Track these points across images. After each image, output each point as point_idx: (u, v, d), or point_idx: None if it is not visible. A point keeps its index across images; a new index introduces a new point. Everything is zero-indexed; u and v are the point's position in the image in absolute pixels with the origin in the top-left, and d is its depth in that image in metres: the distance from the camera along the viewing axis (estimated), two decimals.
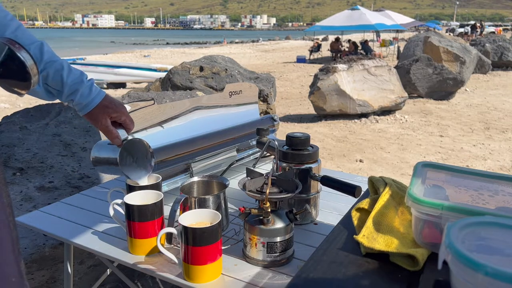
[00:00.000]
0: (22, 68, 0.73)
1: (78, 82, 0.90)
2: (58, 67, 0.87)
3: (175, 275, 0.90)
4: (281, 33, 74.49)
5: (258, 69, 11.04)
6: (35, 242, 1.55)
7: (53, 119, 2.18)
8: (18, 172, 1.80)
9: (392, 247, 0.69)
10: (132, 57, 19.06)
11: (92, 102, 0.92)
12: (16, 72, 0.74)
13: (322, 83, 5.57)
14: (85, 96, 0.91)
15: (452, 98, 7.34)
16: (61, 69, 0.87)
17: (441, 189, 0.77)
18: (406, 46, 9.28)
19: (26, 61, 0.74)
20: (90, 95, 0.92)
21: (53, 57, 0.87)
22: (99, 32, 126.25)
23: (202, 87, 3.23)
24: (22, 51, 0.73)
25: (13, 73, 0.74)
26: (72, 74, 0.89)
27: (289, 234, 0.93)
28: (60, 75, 0.87)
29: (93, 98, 0.92)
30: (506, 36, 13.05)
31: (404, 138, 4.96)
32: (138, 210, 0.95)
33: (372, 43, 18.72)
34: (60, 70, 0.87)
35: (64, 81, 0.88)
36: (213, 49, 25.31)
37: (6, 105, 7.09)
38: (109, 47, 33.20)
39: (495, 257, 0.52)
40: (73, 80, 0.89)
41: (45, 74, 0.86)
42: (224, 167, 1.44)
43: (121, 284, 1.55)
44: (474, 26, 24.62)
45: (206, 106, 1.45)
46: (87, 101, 0.92)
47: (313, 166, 1.11)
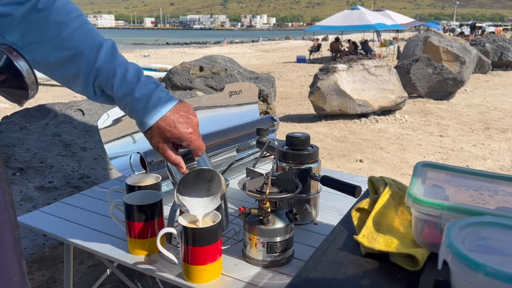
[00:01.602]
0: (19, 77, 0.69)
1: (128, 94, 0.74)
2: (110, 74, 0.74)
3: (175, 275, 0.90)
4: (281, 33, 74.51)
5: (258, 69, 11.04)
6: (35, 242, 1.55)
7: (53, 119, 2.18)
8: (18, 172, 1.80)
9: (392, 247, 0.69)
10: (132, 57, 19.05)
11: (145, 122, 0.76)
12: (13, 81, 0.70)
13: (322, 83, 5.57)
14: (136, 113, 0.76)
15: (452, 98, 7.35)
16: (113, 77, 0.73)
17: (441, 189, 0.77)
18: (406, 46, 9.29)
19: (23, 70, 0.69)
20: (144, 112, 0.75)
21: (108, 62, 0.74)
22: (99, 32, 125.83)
23: (202, 87, 3.23)
24: (19, 59, 0.69)
25: (10, 82, 0.70)
26: (126, 83, 0.74)
27: (289, 234, 0.93)
28: (111, 85, 0.74)
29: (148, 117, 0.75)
30: (506, 36, 13.05)
31: (404, 138, 4.96)
32: (138, 210, 0.95)
33: (372, 43, 18.72)
34: (111, 78, 0.74)
35: (115, 92, 0.74)
36: (213, 49, 25.31)
37: (6, 105, 7.09)
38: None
39: (495, 257, 0.52)
40: (123, 92, 0.74)
41: (98, 83, 0.75)
42: (224, 167, 1.44)
43: (121, 284, 1.55)
44: (474, 26, 24.62)
45: (206, 106, 1.45)
46: (139, 120, 0.76)
47: (313, 166, 1.10)
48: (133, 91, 0.74)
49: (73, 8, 0.75)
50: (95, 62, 0.73)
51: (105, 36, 0.78)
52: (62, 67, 0.75)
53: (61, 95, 8.38)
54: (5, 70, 0.69)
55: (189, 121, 0.79)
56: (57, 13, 0.73)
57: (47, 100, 7.26)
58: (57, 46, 0.73)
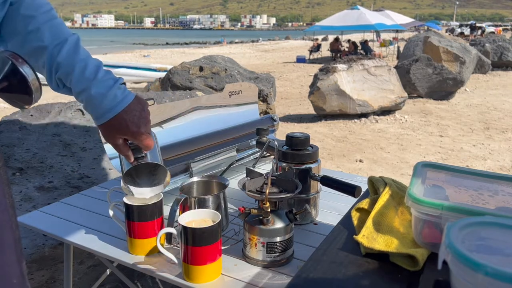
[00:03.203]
0: (23, 83, 0.72)
1: (85, 89, 0.77)
2: (69, 70, 0.77)
3: (175, 275, 0.90)
4: (281, 33, 74.51)
5: (258, 69, 11.04)
6: (34, 242, 1.55)
7: (53, 119, 2.18)
8: (18, 172, 1.80)
9: (392, 247, 0.69)
10: (131, 57, 19.06)
11: (99, 117, 0.80)
12: (18, 87, 0.72)
13: (322, 83, 5.57)
14: (92, 109, 0.80)
15: (452, 98, 7.35)
16: (72, 72, 0.77)
17: (441, 189, 0.77)
18: (406, 46, 9.29)
19: (28, 76, 0.72)
20: (99, 108, 0.79)
21: (69, 58, 0.77)
22: (99, 32, 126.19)
23: (202, 87, 3.23)
24: (24, 66, 0.72)
25: (15, 88, 0.72)
26: (83, 79, 0.77)
27: (289, 234, 0.93)
28: (70, 80, 0.77)
29: (102, 113, 0.79)
30: (506, 36, 13.06)
31: (404, 138, 4.96)
32: (137, 210, 0.95)
33: (372, 43, 18.72)
34: (70, 74, 0.77)
35: (73, 87, 0.78)
36: (213, 49, 25.32)
37: (6, 105, 7.09)
38: (109, 47, 33.20)
39: (495, 257, 0.52)
40: (80, 88, 0.78)
41: (59, 77, 0.78)
42: (224, 167, 1.44)
43: (121, 284, 1.55)
44: (474, 27, 24.62)
45: (206, 106, 1.45)
46: (94, 115, 0.80)
47: (313, 166, 1.10)
48: (90, 88, 0.77)
49: (43, 3, 0.78)
50: (57, 57, 0.76)
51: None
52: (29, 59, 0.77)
53: (61, 95, 8.37)
54: (11, 76, 0.71)
55: (141, 120, 0.82)
56: (27, 6, 0.76)
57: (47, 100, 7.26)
58: (25, 39, 0.77)
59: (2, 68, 0.72)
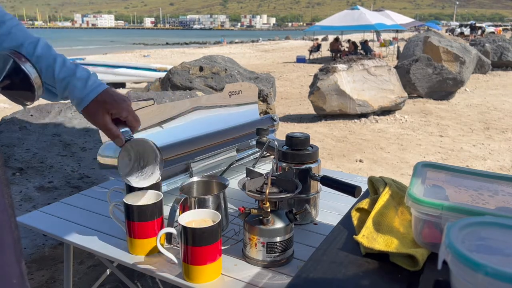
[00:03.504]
0: (26, 81, 0.75)
1: (70, 75, 0.83)
2: (50, 62, 0.82)
3: (175, 275, 0.90)
4: (281, 33, 74.46)
5: (258, 69, 11.04)
6: (34, 242, 1.55)
7: (53, 119, 2.18)
8: (18, 172, 1.80)
9: (392, 247, 0.69)
10: (131, 57, 19.05)
11: (87, 96, 0.85)
12: (20, 85, 0.75)
13: (322, 83, 5.57)
14: (78, 90, 0.84)
15: (452, 98, 7.34)
16: (53, 63, 0.82)
17: (441, 189, 0.77)
18: (406, 46, 9.28)
19: (30, 74, 0.75)
20: (84, 89, 0.84)
21: (47, 52, 0.83)
22: (99, 32, 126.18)
23: (202, 87, 3.23)
24: (27, 64, 0.75)
25: (18, 86, 0.75)
26: (66, 68, 0.83)
27: (289, 234, 0.93)
28: (52, 70, 0.82)
29: (89, 92, 0.84)
30: (506, 36, 13.06)
31: (404, 138, 4.96)
32: (137, 210, 0.95)
33: (372, 43, 18.72)
34: (51, 65, 0.82)
35: (56, 75, 0.83)
36: (213, 49, 25.31)
37: (6, 105, 7.09)
38: (109, 47, 33.19)
39: (495, 257, 0.52)
40: (65, 74, 0.83)
41: (40, 70, 0.82)
42: (224, 167, 1.44)
43: (121, 284, 1.55)
44: (474, 27, 24.62)
45: (206, 106, 1.45)
46: (82, 96, 0.84)
47: (313, 166, 1.10)
48: (74, 73, 0.84)
49: (5, 12, 0.84)
50: (34, 52, 0.81)
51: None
52: None
53: None
54: (13, 75, 0.74)
55: (123, 97, 0.90)
56: None
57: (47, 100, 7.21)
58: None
59: (4, 66, 0.73)
